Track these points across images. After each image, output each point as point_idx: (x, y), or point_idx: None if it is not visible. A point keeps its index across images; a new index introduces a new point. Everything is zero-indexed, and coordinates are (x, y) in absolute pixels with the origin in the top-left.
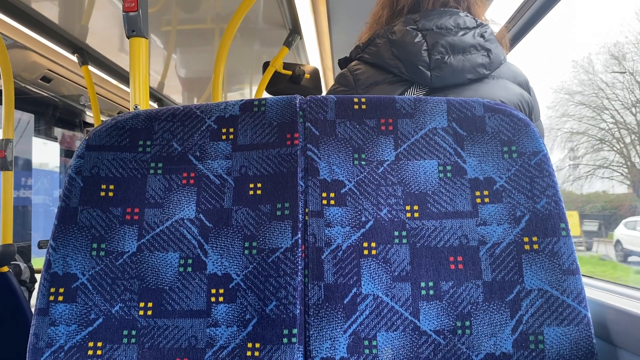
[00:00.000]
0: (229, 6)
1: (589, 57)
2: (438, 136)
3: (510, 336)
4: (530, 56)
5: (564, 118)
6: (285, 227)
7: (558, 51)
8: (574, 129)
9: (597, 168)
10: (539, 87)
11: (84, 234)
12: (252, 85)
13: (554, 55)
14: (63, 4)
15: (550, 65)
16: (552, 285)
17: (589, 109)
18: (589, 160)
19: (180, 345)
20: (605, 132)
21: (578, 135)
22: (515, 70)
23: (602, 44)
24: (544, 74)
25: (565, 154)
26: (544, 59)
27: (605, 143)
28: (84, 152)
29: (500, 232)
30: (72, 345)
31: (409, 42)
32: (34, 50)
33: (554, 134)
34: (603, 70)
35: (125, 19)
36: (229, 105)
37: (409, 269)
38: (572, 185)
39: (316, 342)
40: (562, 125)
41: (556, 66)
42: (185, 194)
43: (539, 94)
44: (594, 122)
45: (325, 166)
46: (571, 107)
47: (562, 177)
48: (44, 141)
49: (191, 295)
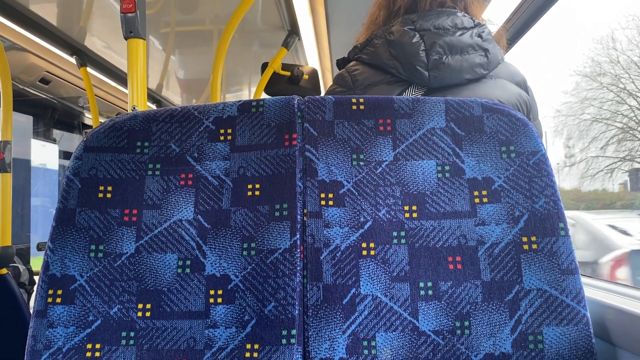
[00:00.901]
0: (227, 7)
1: (612, 34)
2: (436, 136)
3: (509, 336)
4: (549, 37)
5: (585, 102)
6: (283, 228)
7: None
8: (595, 115)
9: (621, 161)
10: (555, 70)
11: (82, 236)
12: (251, 86)
13: (573, 34)
14: (61, 6)
15: (569, 45)
16: (551, 285)
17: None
18: (612, 151)
19: (179, 347)
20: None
21: (599, 124)
22: (513, 70)
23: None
24: (562, 55)
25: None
26: (562, 40)
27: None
28: (81, 153)
29: (499, 232)
30: (71, 347)
31: (406, 43)
32: (32, 52)
33: (571, 122)
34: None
35: (122, 20)
36: (227, 106)
37: (407, 269)
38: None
39: (315, 342)
40: (583, 111)
41: (575, 46)
42: (183, 195)
43: (555, 76)
44: (616, 107)
45: (324, 167)
46: (591, 92)
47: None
48: (42, 143)
49: (190, 296)
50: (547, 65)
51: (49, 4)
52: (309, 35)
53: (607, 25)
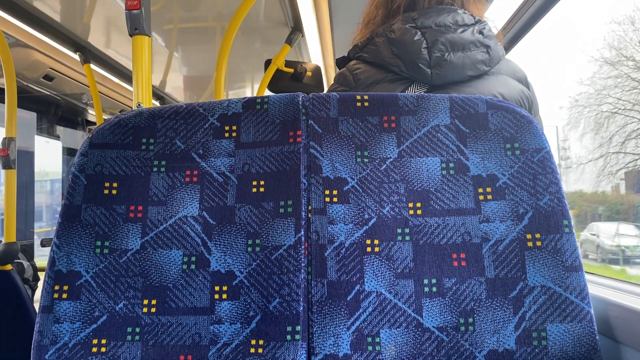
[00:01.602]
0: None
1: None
2: (441, 133)
3: (513, 333)
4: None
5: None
6: (288, 225)
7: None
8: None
9: None
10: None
11: (88, 232)
12: (254, 83)
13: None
14: (65, 3)
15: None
16: (555, 282)
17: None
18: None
19: (184, 343)
20: None
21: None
22: (514, 66)
23: None
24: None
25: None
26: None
27: None
28: (87, 150)
29: (503, 229)
30: (77, 343)
31: (408, 41)
32: (36, 48)
33: (587, 113)
34: None
35: (127, 17)
36: (231, 103)
37: (412, 266)
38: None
39: (319, 339)
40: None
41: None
42: (188, 192)
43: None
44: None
45: (328, 163)
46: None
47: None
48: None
49: (195, 292)
50: (563, 52)
51: (53, 1)
52: (312, 32)
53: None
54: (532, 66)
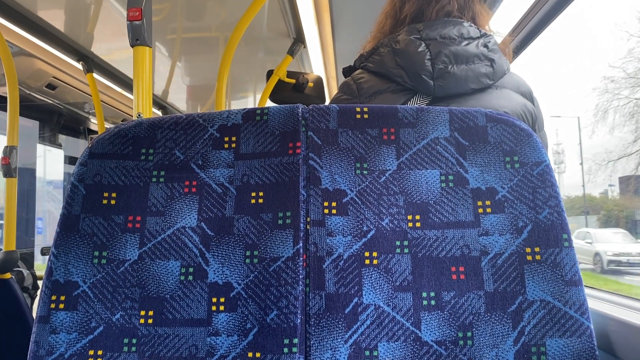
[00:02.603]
0: (233, 15)
1: None
2: (440, 146)
3: (512, 347)
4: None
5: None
6: (286, 236)
7: None
8: None
9: None
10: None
11: (86, 242)
12: (256, 94)
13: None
14: (69, 12)
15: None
16: (554, 296)
17: None
18: None
19: (180, 354)
20: None
21: None
22: (518, 80)
23: None
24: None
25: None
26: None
27: None
28: (86, 159)
29: (502, 242)
30: (73, 353)
31: (412, 52)
32: (40, 57)
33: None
34: None
35: (129, 28)
36: (231, 114)
37: (410, 279)
38: None
39: (317, 352)
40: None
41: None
42: (187, 203)
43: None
44: None
45: (327, 175)
46: None
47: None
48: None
49: (192, 303)
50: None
51: (56, 11)
52: (314, 43)
53: None
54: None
